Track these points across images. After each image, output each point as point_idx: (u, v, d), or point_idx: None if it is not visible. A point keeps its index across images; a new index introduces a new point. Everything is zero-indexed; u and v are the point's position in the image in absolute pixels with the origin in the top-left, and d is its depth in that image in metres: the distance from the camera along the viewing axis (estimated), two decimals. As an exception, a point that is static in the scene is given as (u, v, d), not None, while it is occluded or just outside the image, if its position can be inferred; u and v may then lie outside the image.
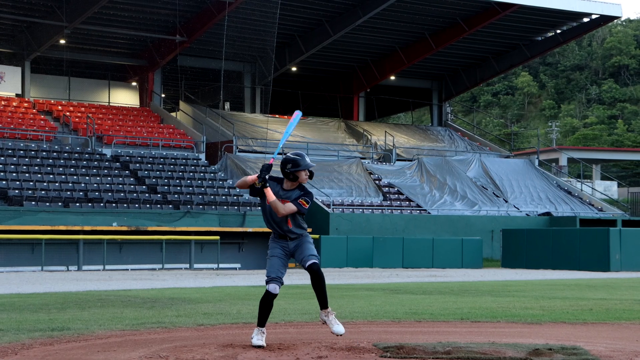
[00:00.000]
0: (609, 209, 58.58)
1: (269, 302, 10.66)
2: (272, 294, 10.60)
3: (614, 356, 10.02)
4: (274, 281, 10.63)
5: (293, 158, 10.72)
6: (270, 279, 10.64)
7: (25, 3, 49.42)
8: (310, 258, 10.71)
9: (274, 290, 10.60)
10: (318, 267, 10.71)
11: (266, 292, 10.63)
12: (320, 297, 10.71)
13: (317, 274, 10.66)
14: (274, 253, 10.79)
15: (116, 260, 38.79)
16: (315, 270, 10.65)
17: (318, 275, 10.67)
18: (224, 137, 53.18)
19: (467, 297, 20.54)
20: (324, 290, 10.71)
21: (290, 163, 10.70)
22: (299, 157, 10.71)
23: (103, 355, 9.84)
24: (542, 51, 66.55)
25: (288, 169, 10.68)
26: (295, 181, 10.72)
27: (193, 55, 57.88)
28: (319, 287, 10.67)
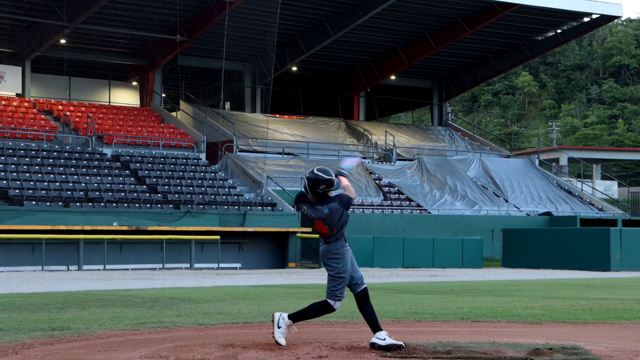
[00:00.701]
0: (609, 208, 58.57)
1: (323, 314, 10.68)
2: (334, 310, 10.58)
3: (614, 356, 10.02)
4: (341, 300, 10.60)
5: (328, 179, 10.59)
6: (341, 298, 10.57)
7: (26, 3, 49.40)
8: (364, 281, 10.76)
9: (338, 308, 10.61)
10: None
11: (330, 307, 10.53)
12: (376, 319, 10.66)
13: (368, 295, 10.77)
14: (349, 267, 10.60)
15: (116, 260, 38.78)
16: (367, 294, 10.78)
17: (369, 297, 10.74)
18: (224, 137, 53.18)
19: (467, 297, 20.54)
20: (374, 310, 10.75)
21: (325, 184, 10.57)
22: (332, 177, 10.61)
23: (103, 355, 9.85)
24: (543, 51, 66.55)
25: (321, 189, 10.58)
26: (324, 198, 10.64)
27: (193, 55, 57.88)
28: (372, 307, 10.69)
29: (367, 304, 10.58)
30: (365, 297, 10.60)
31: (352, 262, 10.62)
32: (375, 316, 10.59)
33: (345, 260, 10.45)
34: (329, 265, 10.51)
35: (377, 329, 10.48)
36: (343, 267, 10.43)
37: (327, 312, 10.55)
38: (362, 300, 10.59)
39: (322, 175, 10.52)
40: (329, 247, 10.52)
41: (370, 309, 10.59)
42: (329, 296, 10.49)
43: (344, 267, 10.43)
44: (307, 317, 10.70)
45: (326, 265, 10.56)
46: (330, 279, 10.52)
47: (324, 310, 10.54)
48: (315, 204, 10.57)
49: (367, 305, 10.58)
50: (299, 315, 10.63)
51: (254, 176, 48.75)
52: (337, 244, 10.50)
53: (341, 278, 10.43)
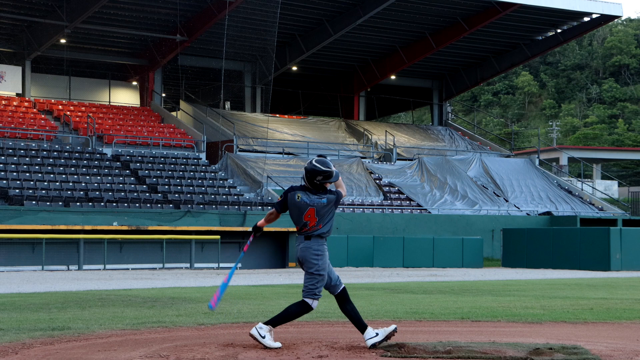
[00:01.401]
0: (609, 208, 58.59)
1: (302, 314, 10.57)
2: (312, 309, 10.49)
3: (614, 355, 10.02)
4: (319, 299, 10.51)
5: (325, 170, 10.41)
6: (318, 297, 10.45)
7: (26, 2, 49.41)
8: (341, 282, 10.64)
9: (315, 307, 10.52)
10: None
11: (308, 307, 10.43)
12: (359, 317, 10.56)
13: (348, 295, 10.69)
14: (327, 264, 10.52)
15: (117, 260, 38.77)
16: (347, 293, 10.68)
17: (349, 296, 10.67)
18: (224, 137, 53.18)
19: (467, 297, 20.54)
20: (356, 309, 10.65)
21: (321, 175, 10.42)
22: (330, 169, 10.42)
23: (104, 355, 9.85)
24: (543, 50, 66.55)
25: (318, 180, 10.45)
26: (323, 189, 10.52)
27: (193, 55, 57.90)
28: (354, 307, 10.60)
29: (350, 304, 10.52)
30: (346, 297, 10.52)
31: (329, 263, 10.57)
32: (358, 314, 10.52)
33: (325, 258, 10.39)
34: (309, 262, 10.36)
35: (363, 327, 10.43)
36: (322, 265, 10.35)
37: (305, 312, 10.44)
38: (343, 301, 10.51)
39: (319, 167, 10.40)
40: (310, 243, 10.39)
41: (353, 308, 10.52)
42: (307, 295, 10.37)
43: (323, 265, 10.36)
44: (285, 320, 10.54)
45: (306, 263, 10.40)
46: (308, 277, 10.41)
47: (302, 310, 10.42)
48: (310, 193, 10.47)
49: (350, 305, 10.51)
50: (277, 320, 10.50)
51: (254, 176, 48.76)
52: (319, 241, 10.41)
53: (320, 276, 10.35)
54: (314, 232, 10.42)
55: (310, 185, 10.48)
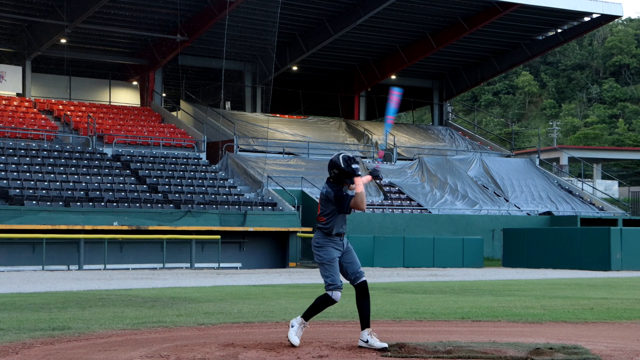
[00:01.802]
0: (609, 208, 58.57)
1: (326, 306, 10.56)
2: (335, 301, 10.47)
3: (614, 355, 10.02)
4: (339, 289, 10.44)
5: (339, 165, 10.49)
6: (337, 287, 10.41)
7: (26, 2, 49.40)
8: (363, 275, 10.59)
9: (337, 298, 10.45)
10: (367, 284, 10.66)
11: (330, 299, 10.43)
12: (365, 315, 10.50)
13: (367, 291, 10.58)
14: (334, 256, 10.48)
15: (117, 260, 38.79)
16: (365, 288, 10.58)
17: (367, 293, 10.57)
18: (224, 137, 53.18)
19: (468, 297, 20.54)
20: (369, 307, 10.58)
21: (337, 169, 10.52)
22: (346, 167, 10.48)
23: (104, 355, 9.85)
24: (543, 50, 66.53)
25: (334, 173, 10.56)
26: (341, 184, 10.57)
27: (194, 55, 57.90)
28: (366, 304, 10.52)
29: (365, 300, 10.52)
30: (362, 292, 10.53)
31: (349, 255, 10.56)
32: (368, 313, 10.52)
33: (327, 249, 10.42)
34: (314, 255, 10.61)
35: (364, 326, 10.46)
36: (325, 255, 10.41)
37: (328, 304, 10.47)
38: (358, 295, 10.53)
39: (337, 161, 10.50)
40: (315, 235, 10.62)
41: (366, 305, 10.52)
42: (325, 287, 10.49)
43: (326, 255, 10.41)
44: (313, 312, 10.60)
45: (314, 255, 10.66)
46: (320, 269, 10.58)
47: (325, 302, 10.48)
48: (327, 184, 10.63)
49: (364, 302, 10.52)
50: (308, 312, 10.60)
51: (254, 176, 48.74)
52: (318, 234, 10.55)
53: (322, 265, 10.42)
54: (318, 223, 10.59)
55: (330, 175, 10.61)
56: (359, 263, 10.63)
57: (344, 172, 10.44)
